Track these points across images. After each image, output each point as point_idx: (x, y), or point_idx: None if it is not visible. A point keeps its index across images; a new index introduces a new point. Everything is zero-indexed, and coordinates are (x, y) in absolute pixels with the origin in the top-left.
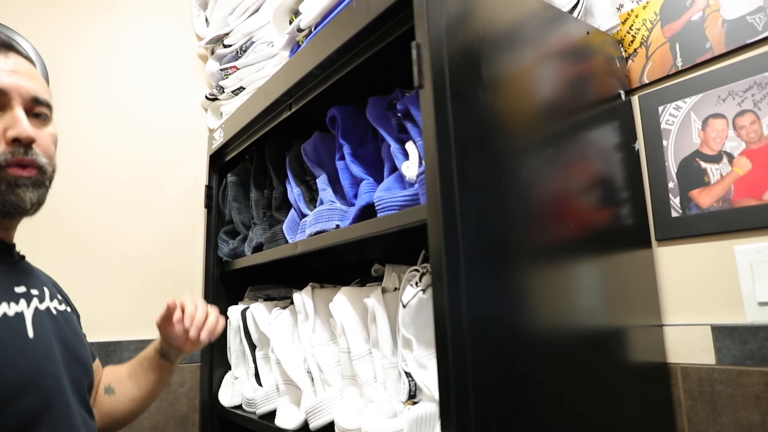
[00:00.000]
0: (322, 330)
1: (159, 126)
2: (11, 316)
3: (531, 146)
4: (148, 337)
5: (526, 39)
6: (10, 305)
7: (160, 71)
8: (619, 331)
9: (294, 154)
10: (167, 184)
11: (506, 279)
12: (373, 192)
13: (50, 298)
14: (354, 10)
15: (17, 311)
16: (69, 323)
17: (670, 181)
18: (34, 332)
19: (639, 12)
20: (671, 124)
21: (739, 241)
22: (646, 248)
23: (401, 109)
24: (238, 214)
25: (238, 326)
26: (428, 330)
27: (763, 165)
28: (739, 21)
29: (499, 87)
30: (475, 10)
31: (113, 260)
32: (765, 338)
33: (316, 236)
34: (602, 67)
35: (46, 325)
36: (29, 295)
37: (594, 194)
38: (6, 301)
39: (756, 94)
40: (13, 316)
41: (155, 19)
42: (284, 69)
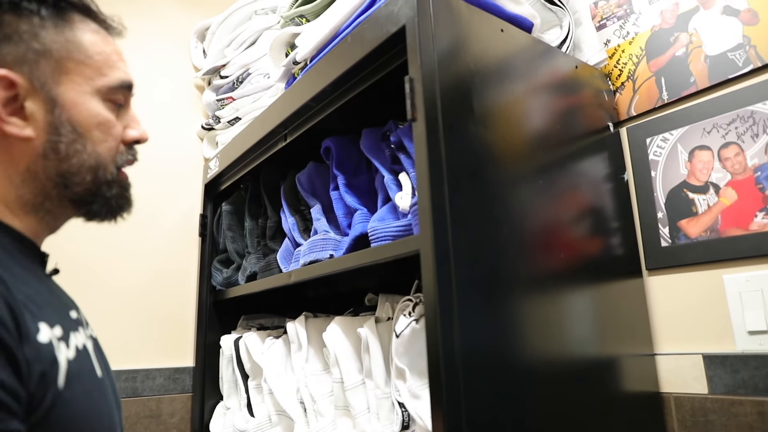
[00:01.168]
0: (316, 360)
1: (155, 154)
2: (82, 350)
3: (522, 177)
4: (139, 366)
5: (516, 73)
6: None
7: (158, 100)
8: (611, 360)
9: (289, 183)
10: (162, 212)
11: (498, 309)
12: (367, 222)
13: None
14: (349, 44)
15: (82, 343)
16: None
17: (659, 211)
18: (100, 369)
19: (625, 47)
20: (659, 155)
21: (727, 271)
22: (636, 278)
23: (394, 140)
24: (233, 243)
25: (230, 356)
26: (421, 360)
27: (748, 196)
28: (721, 57)
29: (491, 120)
30: (466, 45)
31: (105, 288)
32: (756, 367)
33: (310, 266)
34: (591, 100)
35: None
36: (80, 321)
37: (585, 224)
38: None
39: (739, 127)
40: (83, 351)
41: (153, 49)
42: (280, 100)
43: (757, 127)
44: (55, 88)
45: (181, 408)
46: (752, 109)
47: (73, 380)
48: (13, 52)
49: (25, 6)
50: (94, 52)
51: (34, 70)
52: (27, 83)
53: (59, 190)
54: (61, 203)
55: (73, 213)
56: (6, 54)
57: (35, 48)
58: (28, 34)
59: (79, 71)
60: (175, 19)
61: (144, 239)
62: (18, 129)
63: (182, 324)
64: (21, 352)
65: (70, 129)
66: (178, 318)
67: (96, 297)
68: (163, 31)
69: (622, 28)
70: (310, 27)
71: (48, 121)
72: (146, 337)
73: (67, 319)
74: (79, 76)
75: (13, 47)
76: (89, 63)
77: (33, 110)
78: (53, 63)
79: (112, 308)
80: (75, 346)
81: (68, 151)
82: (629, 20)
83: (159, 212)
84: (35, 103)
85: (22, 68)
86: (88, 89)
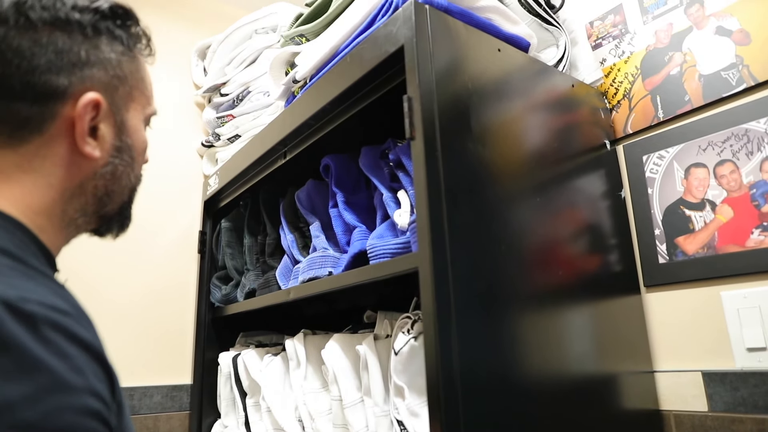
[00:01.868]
0: (314, 377)
1: (155, 171)
2: None
3: (520, 195)
4: (137, 384)
5: (513, 92)
6: None
7: (158, 117)
8: (611, 378)
9: (288, 201)
10: (161, 229)
11: (497, 326)
12: (366, 239)
13: None
14: (348, 63)
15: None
16: None
17: (657, 228)
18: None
19: (621, 66)
20: (655, 172)
21: (725, 287)
22: (635, 294)
23: (393, 158)
24: (232, 260)
25: (228, 373)
26: (420, 378)
27: (744, 213)
28: (715, 76)
29: (488, 138)
30: (464, 64)
31: (102, 304)
32: (755, 385)
33: (309, 283)
34: (588, 118)
35: None
36: None
37: (583, 241)
38: None
39: (734, 145)
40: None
41: (154, 66)
42: (280, 118)
43: (752, 145)
44: (125, 114)
45: (178, 426)
46: (746, 127)
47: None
48: (103, 77)
49: (117, 33)
50: (149, 82)
51: (114, 95)
52: (107, 107)
53: (97, 207)
54: (90, 219)
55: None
56: (97, 78)
57: (118, 75)
58: (116, 61)
59: (139, 100)
60: (177, 38)
61: (143, 256)
62: (91, 149)
63: (180, 341)
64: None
65: (129, 153)
66: (176, 335)
67: (94, 313)
68: (164, 49)
69: (617, 47)
70: (309, 46)
71: (114, 144)
72: (144, 354)
73: None
74: (139, 104)
75: (102, 72)
76: (145, 93)
77: (104, 132)
78: (127, 90)
79: (109, 325)
80: None
81: (122, 172)
82: (624, 40)
83: (158, 229)
84: (107, 125)
85: (106, 92)
86: (142, 117)
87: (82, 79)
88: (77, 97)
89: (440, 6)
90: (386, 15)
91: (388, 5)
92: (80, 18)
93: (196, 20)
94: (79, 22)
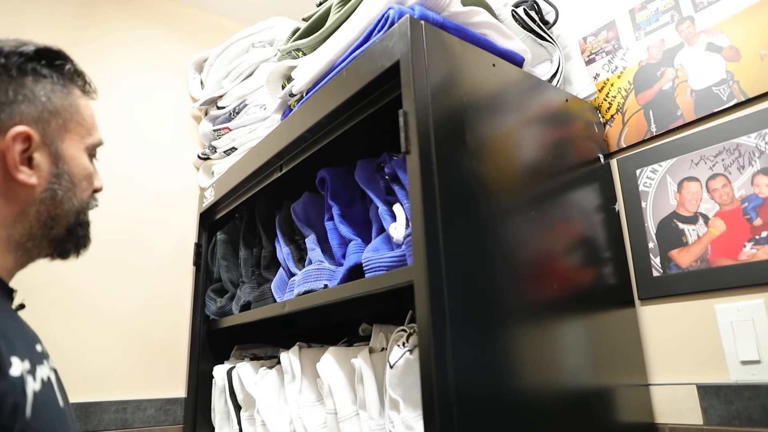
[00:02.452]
0: (309, 391)
1: (150, 183)
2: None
3: (515, 209)
4: (130, 397)
5: (508, 106)
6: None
7: (155, 129)
8: (606, 391)
9: (284, 213)
10: (156, 241)
11: (492, 339)
12: (361, 252)
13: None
14: (344, 78)
15: (47, 375)
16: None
17: (650, 241)
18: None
19: (614, 81)
20: (649, 186)
21: (719, 300)
22: (629, 307)
23: (389, 172)
24: (227, 272)
25: (223, 386)
26: (415, 391)
27: (736, 226)
28: (706, 91)
29: (483, 152)
30: (459, 79)
31: (96, 317)
32: (750, 398)
33: (305, 296)
34: (581, 132)
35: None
36: (44, 354)
37: (577, 255)
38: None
39: (726, 159)
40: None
41: (151, 79)
42: (276, 131)
43: (743, 159)
44: (60, 144)
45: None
46: (738, 142)
47: (38, 411)
48: (32, 112)
49: (43, 72)
50: (87, 115)
51: (46, 128)
52: (39, 138)
53: (44, 231)
54: (41, 243)
55: (47, 252)
56: (26, 113)
57: (49, 109)
58: (45, 96)
59: (77, 131)
60: (174, 51)
61: (138, 267)
62: (26, 177)
63: (174, 354)
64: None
65: (68, 179)
66: (171, 347)
67: (87, 325)
68: (161, 61)
69: (610, 62)
70: (306, 60)
71: (51, 172)
72: (138, 367)
73: (34, 352)
74: (77, 135)
75: (32, 107)
76: (83, 124)
77: (40, 161)
78: (61, 122)
79: (103, 337)
80: (41, 378)
81: (63, 197)
82: (617, 55)
83: (154, 241)
84: (42, 155)
85: (37, 125)
86: (82, 146)
87: (10, 115)
88: (6, 131)
89: (435, 22)
90: (382, 30)
91: (384, 21)
92: (5, 62)
93: (193, 34)
94: (4, 66)
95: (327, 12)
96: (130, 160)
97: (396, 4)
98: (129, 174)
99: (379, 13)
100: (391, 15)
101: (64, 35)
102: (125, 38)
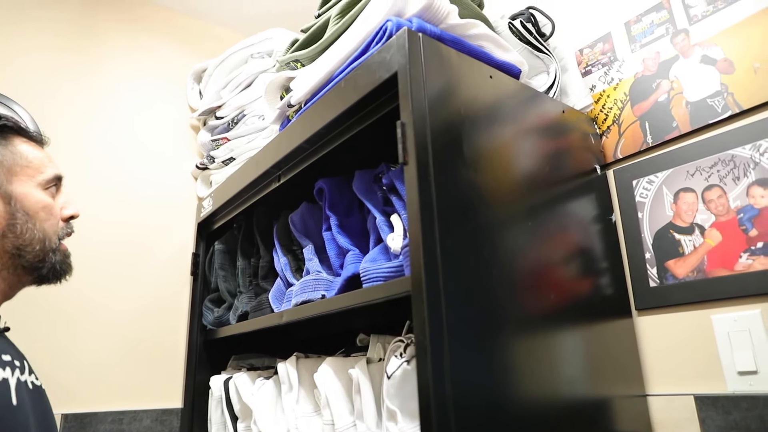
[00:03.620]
0: (306, 401)
1: (149, 192)
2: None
3: (512, 219)
4: (126, 408)
5: (505, 118)
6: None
7: (153, 139)
8: (604, 402)
9: (281, 223)
10: (154, 251)
11: (490, 350)
12: (359, 263)
13: (29, 372)
14: (342, 89)
15: (4, 377)
16: (44, 400)
17: (647, 251)
18: (17, 400)
19: (610, 92)
20: (645, 197)
21: (715, 311)
22: (626, 318)
23: (386, 183)
24: (224, 282)
25: (220, 396)
26: (413, 401)
27: (732, 237)
28: (701, 103)
29: (480, 163)
30: (456, 91)
31: (92, 327)
32: (747, 408)
33: (302, 306)
34: (578, 143)
35: (25, 397)
36: (13, 364)
37: (574, 265)
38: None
39: (721, 170)
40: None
41: (150, 89)
42: (274, 142)
43: (738, 170)
44: (8, 187)
45: None
46: (733, 153)
47: None
48: None
49: None
50: (32, 157)
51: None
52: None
53: (14, 260)
54: (15, 271)
55: (26, 280)
56: None
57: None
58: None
59: (24, 172)
60: (173, 61)
61: (135, 277)
62: None
63: (171, 364)
64: None
65: (23, 213)
66: (167, 358)
67: (83, 335)
68: (160, 71)
69: (606, 74)
70: (304, 71)
71: (6, 210)
72: (134, 378)
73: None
74: (24, 176)
75: None
76: (30, 165)
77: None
78: (6, 169)
79: (99, 347)
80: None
81: (22, 229)
82: (613, 67)
83: (151, 250)
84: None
85: None
86: (33, 183)
87: None
88: None
89: (433, 34)
90: (380, 42)
91: (382, 33)
92: None
93: (192, 44)
94: None
95: (325, 23)
96: (128, 170)
97: (394, 17)
98: (126, 184)
99: (377, 25)
100: (389, 27)
101: (63, 43)
102: (125, 48)
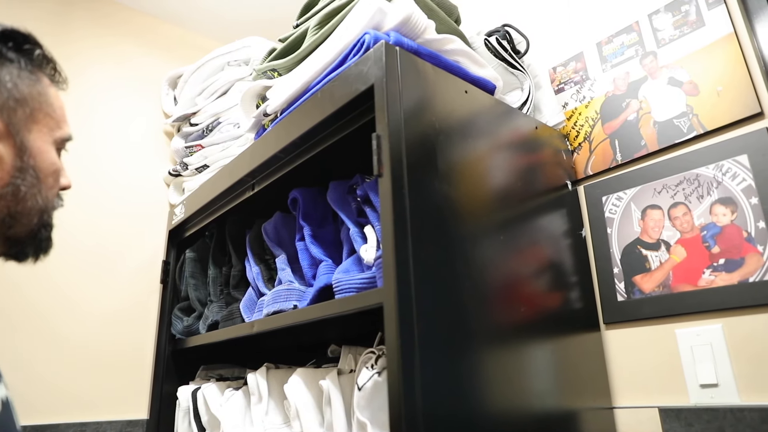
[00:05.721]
0: (276, 413)
1: (120, 198)
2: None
3: (484, 233)
4: (89, 419)
5: (479, 132)
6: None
7: (126, 144)
8: (572, 414)
9: (254, 232)
10: (122, 258)
11: (460, 362)
12: (332, 274)
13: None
14: (319, 99)
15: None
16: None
17: (615, 266)
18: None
19: (582, 110)
20: (614, 213)
21: (679, 325)
22: (594, 331)
23: (361, 194)
24: (195, 291)
25: (187, 408)
26: (383, 413)
27: (696, 253)
28: (668, 123)
29: (454, 176)
30: (431, 105)
31: (56, 334)
32: (708, 420)
33: (274, 316)
34: (550, 159)
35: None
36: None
37: (544, 279)
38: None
39: (686, 188)
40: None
41: (124, 94)
42: (249, 150)
43: (702, 189)
44: (26, 136)
45: None
46: (697, 172)
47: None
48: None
49: (10, 56)
50: (57, 106)
51: (12, 117)
52: (3, 128)
53: (1, 229)
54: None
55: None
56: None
57: (15, 97)
58: (11, 83)
59: (45, 122)
60: (148, 66)
61: (103, 283)
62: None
63: (138, 374)
64: None
65: (33, 174)
66: (134, 367)
67: (45, 342)
68: (135, 76)
69: (578, 92)
70: (281, 81)
71: (15, 165)
72: (98, 388)
73: None
74: (45, 127)
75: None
76: (53, 116)
77: (3, 153)
78: (28, 112)
79: (62, 355)
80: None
81: (26, 194)
82: (585, 85)
83: (120, 257)
84: (6, 146)
85: (2, 114)
86: (50, 139)
87: None
88: None
89: (410, 48)
90: (358, 55)
91: (359, 45)
92: None
93: (169, 50)
94: None
95: (304, 34)
96: (99, 174)
97: (372, 30)
98: (97, 188)
99: (355, 37)
100: (367, 40)
101: None
102: (99, 52)
